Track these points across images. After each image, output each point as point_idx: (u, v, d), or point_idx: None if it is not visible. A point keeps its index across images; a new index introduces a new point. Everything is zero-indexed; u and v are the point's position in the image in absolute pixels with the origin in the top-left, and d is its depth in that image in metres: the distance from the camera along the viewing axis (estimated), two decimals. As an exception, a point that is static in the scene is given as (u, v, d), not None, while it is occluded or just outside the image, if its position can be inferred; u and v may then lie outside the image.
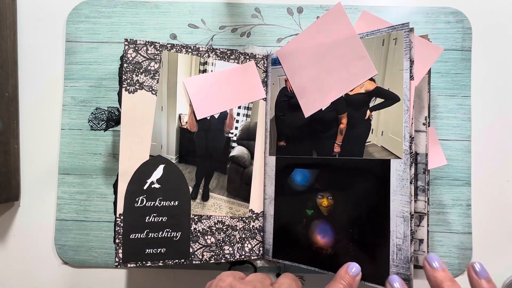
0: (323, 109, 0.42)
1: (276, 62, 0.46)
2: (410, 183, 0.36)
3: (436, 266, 0.33)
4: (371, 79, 0.39)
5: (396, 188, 0.37)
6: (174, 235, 0.43)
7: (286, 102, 0.45)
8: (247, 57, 0.47)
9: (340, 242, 0.40)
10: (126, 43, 0.43)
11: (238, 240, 0.45)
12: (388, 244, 0.37)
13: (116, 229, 0.41)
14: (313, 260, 0.42)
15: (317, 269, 0.42)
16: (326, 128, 0.42)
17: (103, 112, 0.44)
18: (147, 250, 0.42)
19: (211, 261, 0.44)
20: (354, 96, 0.40)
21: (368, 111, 0.39)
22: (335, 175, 0.41)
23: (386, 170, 0.38)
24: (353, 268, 0.35)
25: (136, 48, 0.43)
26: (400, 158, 0.37)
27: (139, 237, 0.42)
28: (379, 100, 0.39)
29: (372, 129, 0.39)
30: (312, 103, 0.43)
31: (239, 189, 0.46)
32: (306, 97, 0.43)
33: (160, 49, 0.44)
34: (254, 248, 0.46)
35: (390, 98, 0.38)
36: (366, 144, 0.39)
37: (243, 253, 0.46)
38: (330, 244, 0.41)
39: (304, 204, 0.43)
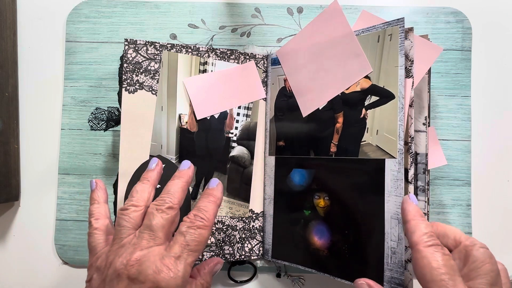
0: (320, 109, 0.42)
1: (275, 62, 0.46)
2: (410, 183, 0.36)
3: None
4: (367, 77, 0.39)
5: (390, 189, 0.36)
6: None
7: (285, 101, 0.45)
8: (247, 57, 0.47)
9: (336, 244, 0.40)
10: (126, 43, 0.43)
11: (238, 240, 0.45)
12: (383, 247, 0.36)
13: (116, 229, 0.41)
14: (310, 261, 0.42)
15: (314, 270, 0.41)
16: (323, 127, 0.42)
17: (103, 112, 0.44)
18: (147, 250, 0.42)
19: (211, 261, 0.44)
20: (350, 95, 0.40)
21: (364, 110, 0.39)
22: (331, 175, 0.41)
23: (381, 170, 0.37)
24: (215, 183, 0.35)
25: (136, 48, 0.43)
26: (394, 157, 0.36)
27: (139, 237, 0.42)
28: (374, 98, 0.38)
29: (368, 128, 0.39)
30: (309, 102, 0.43)
31: (239, 189, 0.46)
32: (304, 96, 0.43)
33: (160, 49, 0.44)
34: (254, 248, 0.46)
35: (385, 96, 0.37)
36: (361, 143, 0.39)
37: (243, 253, 0.46)
38: (326, 246, 0.40)
39: (302, 205, 0.43)
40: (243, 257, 0.45)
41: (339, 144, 0.40)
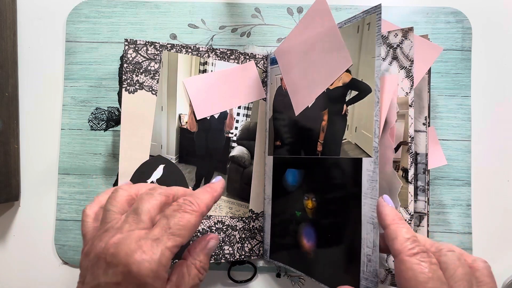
0: (309, 106, 0.41)
1: (274, 61, 0.46)
2: (410, 183, 0.36)
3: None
4: (347, 71, 0.37)
5: (366, 191, 0.33)
6: (174, 235, 0.43)
7: (281, 101, 0.45)
8: (247, 57, 0.47)
9: (320, 247, 0.38)
10: (126, 43, 0.43)
11: (238, 240, 0.45)
12: (359, 253, 0.33)
13: (116, 229, 0.41)
14: (300, 264, 0.41)
15: (303, 273, 0.40)
16: (312, 126, 0.40)
17: (103, 112, 0.44)
18: (147, 250, 0.42)
19: (211, 261, 0.44)
20: (333, 90, 0.38)
21: (345, 106, 0.37)
22: (317, 176, 0.39)
23: (358, 170, 0.34)
24: (218, 179, 0.34)
25: (136, 48, 0.43)
26: (370, 156, 0.33)
27: (139, 237, 0.42)
28: (354, 93, 0.36)
29: (348, 125, 0.36)
30: (301, 100, 0.42)
31: (239, 189, 0.46)
32: (296, 94, 0.42)
33: (160, 49, 0.44)
34: (254, 248, 0.46)
35: (362, 90, 0.35)
36: (342, 141, 0.37)
37: (243, 253, 0.46)
38: (312, 248, 0.39)
39: (294, 206, 0.42)
40: (243, 257, 0.46)
41: (324, 143, 0.39)
